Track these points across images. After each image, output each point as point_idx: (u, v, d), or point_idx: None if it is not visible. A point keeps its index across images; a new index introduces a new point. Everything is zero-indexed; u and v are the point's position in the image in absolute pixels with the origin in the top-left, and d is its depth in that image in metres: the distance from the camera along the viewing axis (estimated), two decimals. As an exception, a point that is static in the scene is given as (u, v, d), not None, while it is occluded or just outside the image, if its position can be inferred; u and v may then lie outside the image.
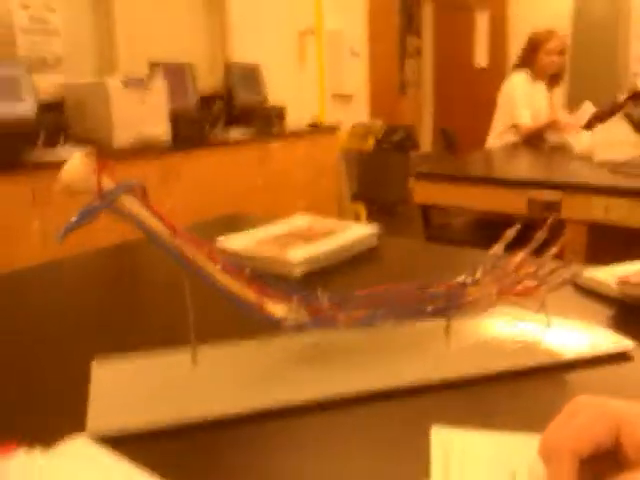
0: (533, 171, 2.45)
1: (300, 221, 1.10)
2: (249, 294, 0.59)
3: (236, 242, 0.97)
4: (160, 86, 3.04)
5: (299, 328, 0.59)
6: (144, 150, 2.79)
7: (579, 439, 0.39)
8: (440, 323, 0.65)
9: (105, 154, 2.60)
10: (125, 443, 0.47)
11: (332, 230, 1.02)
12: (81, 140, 2.78)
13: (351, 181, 4.65)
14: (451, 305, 0.65)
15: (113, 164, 0.56)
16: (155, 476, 0.43)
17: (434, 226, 2.27)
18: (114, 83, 2.83)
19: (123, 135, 2.83)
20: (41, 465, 0.44)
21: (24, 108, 2.62)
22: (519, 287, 0.67)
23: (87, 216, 0.53)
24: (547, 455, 0.40)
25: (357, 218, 4.51)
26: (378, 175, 4.71)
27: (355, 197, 4.69)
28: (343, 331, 0.61)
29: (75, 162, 0.54)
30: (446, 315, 0.65)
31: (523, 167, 2.59)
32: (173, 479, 0.43)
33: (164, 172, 2.85)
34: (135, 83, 2.92)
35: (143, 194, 0.58)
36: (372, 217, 4.59)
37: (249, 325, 0.60)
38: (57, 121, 2.72)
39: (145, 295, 0.86)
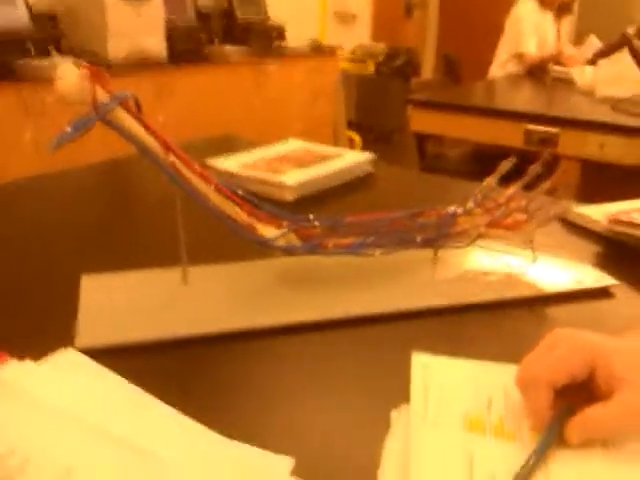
0: (533, 104, 2.42)
1: (294, 145, 1.09)
2: (241, 215, 0.59)
3: (228, 163, 0.96)
4: (156, -3, 2.93)
5: (288, 251, 0.60)
6: (138, 63, 2.72)
7: (556, 370, 0.40)
8: (428, 252, 0.66)
9: (99, 66, 2.52)
10: (113, 357, 0.49)
11: (326, 156, 1.02)
12: (75, 51, 2.69)
13: (348, 106, 4.57)
14: (440, 235, 0.65)
15: (108, 75, 0.55)
16: (141, 387, 0.44)
17: (429, 156, 2.25)
18: (109, -9, 2.72)
19: (118, 47, 2.74)
20: (32, 374, 0.45)
21: (16, 16, 2.53)
22: (508, 220, 0.68)
23: (80, 128, 0.53)
24: (524, 384, 0.41)
25: (352, 145, 4.46)
26: (376, 101, 4.63)
27: (351, 123, 4.62)
28: (332, 256, 0.62)
29: (69, 72, 0.53)
30: (435, 246, 0.65)
31: (523, 99, 2.55)
32: (159, 392, 0.44)
33: (158, 86, 2.78)
34: (130, -8, 2.80)
35: (137, 107, 0.57)
36: (367, 144, 4.55)
37: (240, 246, 0.61)
38: (50, 31, 2.63)
39: (137, 212, 0.86)
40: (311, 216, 0.62)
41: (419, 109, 2.09)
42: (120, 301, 0.58)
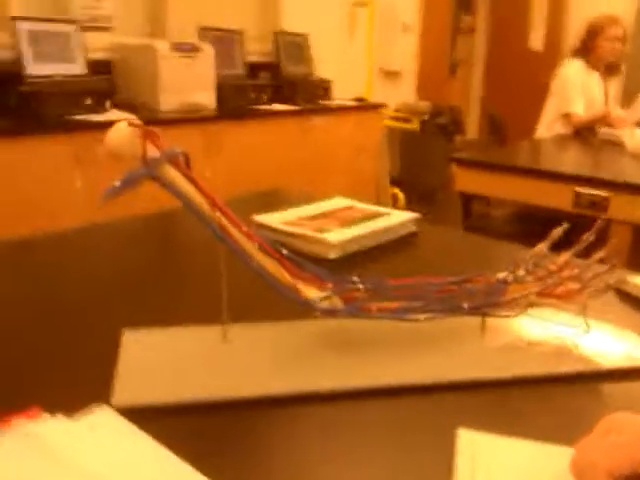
0: (581, 166, 2.39)
1: (340, 203, 1.09)
2: (284, 275, 0.58)
3: (272, 219, 0.96)
4: (208, 52, 3.04)
5: (331, 313, 0.58)
6: (189, 117, 2.80)
7: (616, 457, 0.38)
8: (475, 320, 0.64)
9: (150, 119, 2.63)
10: (148, 417, 0.47)
11: (371, 214, 1.01)
12: (127, 102, 2.79)
13: (392, 163, 4.61)
14: (489, 302, 0.63)
15: (158, 132, 0.56)
16: (176, 452, 0.43)
17: (474, 215, 2.23)
18: (163, 46, 2.83)
19: (169, 100, 2.84)
20: (64, 432, 0.44)
21: (75, 68, 2.65)
22: (561, 289, 0.65)
23: (130, 183, 0.53)
24: (580, 471, 0.38)
25: (395, 201, 4.47)
26: (420, 159, 4.65)
27: (394, 180, 4.64)
28: (376, 320, 0.60)
29: (121, 128, 0.53)
30: (483, 313, 0.63)
31: (571, 161, 2.52)
32: (193, 456, 0.42)
33: (207, 140, 2.85)
34: (184, 48, 2.92)
35: (186, 163, 0.57)
36: (411, 202, 4.55)
37: (282, 305, 0.60)
38: (104, 82, 2.74)
39: (181, 267, 0.86)
40: (355, 278, 0.61)
41: (464, 168, 2.08)
42: (159, 359, 0.57)
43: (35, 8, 2.71)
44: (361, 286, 0.60)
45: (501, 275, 0.64)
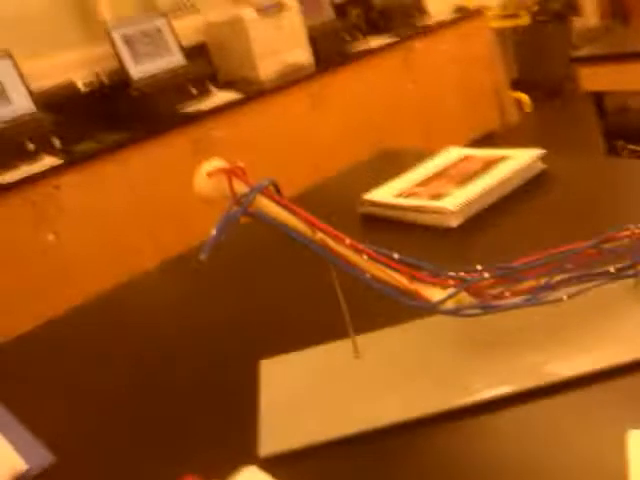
0: None
1: (454, 155, 1.01)
2: (401, 280, 0.55)
3: (383, 194, 0.92)
4: (293, 5, 2.97)
5: (459, 313, 0.54)
6: (290, 79, 2.78)
7: None
8: (628, 284, 0.56)
9: (252, 92, 2.64)
10: (299, 462, 0.47)
11: (490, 162, 0.93)
12: (228, 80, 2.82)
13: (509, 65, 4.29)
14: (637, 261, 0.56)
15: (244, 168, 0.54)
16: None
17: (611, 112, 2.01)
18: (249, 13, 2.81)
19: (267, 67, 2.83)
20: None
21: (173, 59, 2.71)
22: None
23: (225, 226, 0.52)
24: None
25: (520, 106, 4.18)
26: (539, 53, 4.28)
27: (516, 82, 4.33)
28: (511, 310, 0.55)
29: (204, 174, 0.52)
30: (635, 274, 0.56)
31: None
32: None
33: (313, 98, 2.82)
34: (269, 9, 2.87)
35: (277, 190, 0.55)
36: (537, 103, 4.23)
37: (404, 312, 0.57)
38: (204, 67, 2.78)
39: (290, 293, 0.83)
40: (479, 267, 0.56)
41: (588, 66, 1.87)
42: (300, 391, 0.56)
43: (121, 6, 2.77)
44: (487, 274, 0.55)
45: (647, 226, 0.56)
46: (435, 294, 0.55)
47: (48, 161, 2.05)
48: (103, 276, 2.07)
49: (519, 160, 0.91)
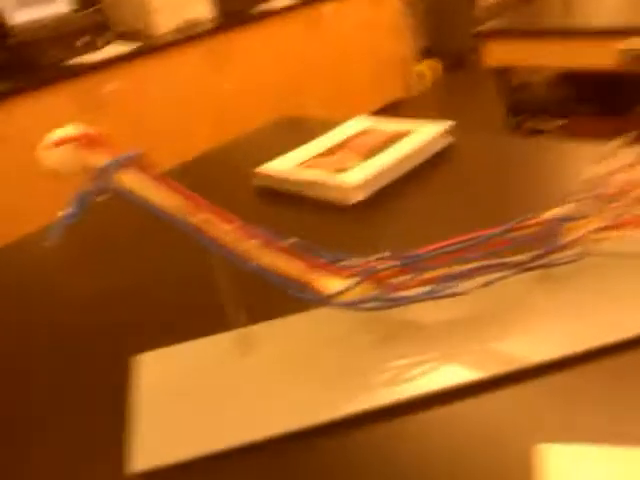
0: (624, 16, 2.11)
1: (360, 126, 0.95)
2: (293, 269, 0.48)
3: (283, 166, 0.84)
4: (195, -43, 2.79)
5: (357, 306, 0.48)
6: (188, 35, 2.61)
7: None
8: (536, 275, 0.52)
9: (147, 46, 2.46)
10: (178, 477, 0.40)
11: (396, 135, 0.88)
12: (122, 33, 2.62)
13: (417, 35, 4.28)
14: (547, 251, 0.52)
15: (107, 135, 0.44)
16: None
17: (513, 87, 2.01)
18: (146, -38, 2.60)
19: (164, 21, 2.65)
20: None
21: (60, 5, 2.48)
22: (629, 217, 0.53)
23: (81, 206, 0.43)
24: None
25: (422, 80, 4.20)
26: (446, 24, 4.31)
27: (424, 52, 4.34)
28: (417, 303, 0.49)
29: (53, 143, 0.42)
30: (542, 265, 0.52)
31: (611, 12, 2.23)
32: None
33: (212, 56, 2.67)
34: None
35: (148, 164, 0.46)
36: (444, 74, 4.27)
37: (301, 302, 0.50)
38: (95, 16, 2.56)
39: (165, 277, 0.75)
40: (382, 254, 0.50)
41: (490, 41, 1.85)
42: (178, 393, 0.48)
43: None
44: (389, 263, 0.49)
45: (551, 212, 0.52)
46: (333, 284, 0.48)
47: None
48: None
49: (426, 133, 0.86)
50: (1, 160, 2.03)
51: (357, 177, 0.77)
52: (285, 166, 0.84)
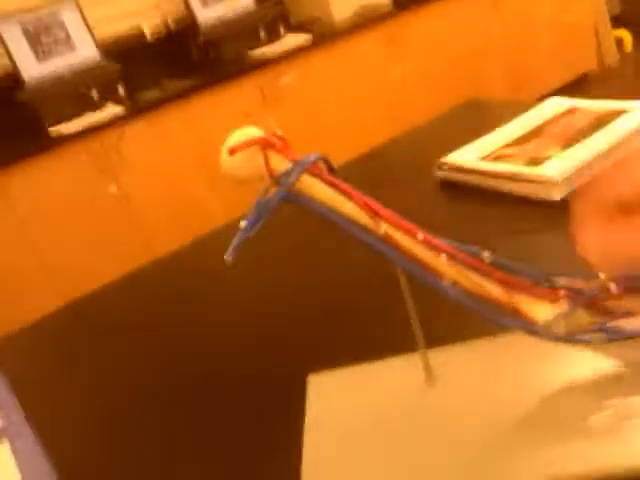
0: None
1: (556, 108, 0.84)
2: (493, 291, 0.41)
3: (468, 157, 0.76)
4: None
5: (576, 342, 0.40)
6: (365, 20, 2.57)
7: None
8: None
9: (325, 33, 2.46)
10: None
11: (602, 117, 0.76)
12: (301, 22, 2.66)
13: (609, 0, 3.87)
14: None
15: (284, 138, 0.41)
16: None
17: None
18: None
19: (341, 7, 2.63)
20: None
21: (242, 1, 2.56)
22: None
23: (262, 215, 0.40)
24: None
25: (620, 46, 3.78)
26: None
27: (616, 20, 3.91)
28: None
29: (232, 148, 0.39)
30: None
31: None
32: None
33: (390, 41, 2.61)
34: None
35: (330, 168, 0.42)
36: (632, 47, 3.82)
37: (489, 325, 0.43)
38: (275, 8, 2.62)
39: (344, 290, 0.68)
40: (601, 275, 0.41)
41: None
42: (355, 423, 0.44)
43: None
44: (612, 285, 0.40)
45: None
46: (542, 310, 0.41)
47: (112, 110, 1.98)
48: (166, 228, 2.01)
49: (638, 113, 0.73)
50: (189, 153, 2.15)
51: (559, 169, 0.67)
52: (471, 157, 0.76)
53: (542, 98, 0.90)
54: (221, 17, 2.45)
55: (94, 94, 2.01)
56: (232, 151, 0.38)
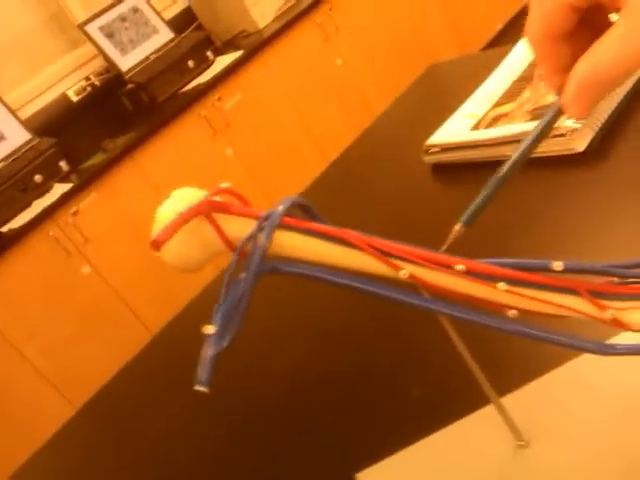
0: None
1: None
2: (580, 308, 0.29)
3: (455, 130, 0.64)
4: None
5: None
6: (290, 18, 2.45)
7: None
8: None
9: (256, 43, 2.33)
10: None
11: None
12: (227, 41, 2.53)
13: None
14: None
15: (237, 193, 0.29)
16: None
17: None
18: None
19: (263, 12, 2.51)
20: None
21: (160, 36, 2.44)
22: None
23: (235, 320, 0.27)
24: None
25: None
26: None
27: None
28: None
29: (166, 228, 0.27)
30: None
31: None
32: None
33: (321, 29, 2.49)
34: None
35: (311, 213, 0.30)
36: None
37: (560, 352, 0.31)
38: (196, 34, 2.49)
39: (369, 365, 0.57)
40: None
41: None
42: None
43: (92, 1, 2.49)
44: None
45: None
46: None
47: (60, 189, 1.85)
48: (148, 297, 1.87)
49: None
50: (152, 208, 2.02)
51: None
52: (460, 129, 0.65)
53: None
54: (144, 60, 2.32)
55: (37, 179, 1.87)
56: (156, 244, 0.26)
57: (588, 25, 0.29)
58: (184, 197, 0.29)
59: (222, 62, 2.31)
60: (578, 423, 0.32)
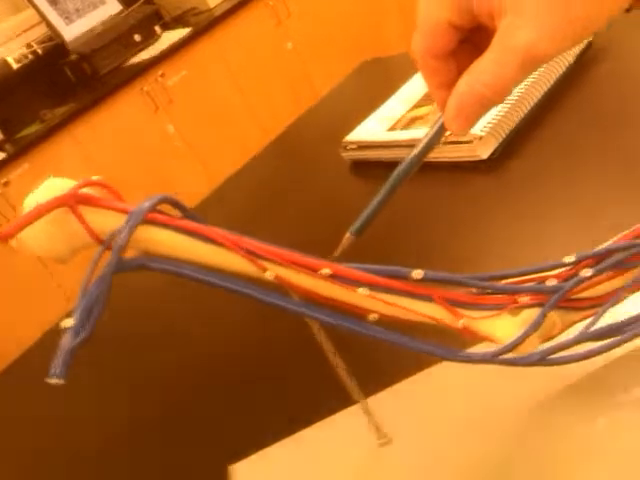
0: None
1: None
2: (437, 316, 0.31)
3: (374, 131, 0.66)
4: None
5: (550, 362, 0.30)
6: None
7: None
8: None
9: (204, 21, 2.29)
10: None
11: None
12: (176, 18, 2.48)
13: None
14: None
15: (108, 186, 0.29)
16: None
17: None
18: None
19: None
20: None
21: (108, 7, 2.37)
22: None
23: (92, 314, 0.27)
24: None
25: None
26: None
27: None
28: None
29: (28, 216, 0.27)
30: None
31: None
32: None
33: (272, 12, 2.47)
34: None
35: (180, 207, 0.30)
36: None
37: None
38: (144, 7, 2.43)
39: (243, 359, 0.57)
40: (572, 257, 0.31)
41: None
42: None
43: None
44: (589, 273, 0.30)
45: None
46: (500, 327, 0.30)
47: (-6, 157, 1.79)
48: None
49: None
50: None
51: (482, 121, 0.57)
52: (377, 128, 0.66)
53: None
54: (89, 31, 2.25)
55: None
56: (3, 237, 0.26)
57: (472, 43, 0.30)
58: (52, 187, 0.28)
59: (169, 38, 2.27)
60: (433, 423, 0.34)
